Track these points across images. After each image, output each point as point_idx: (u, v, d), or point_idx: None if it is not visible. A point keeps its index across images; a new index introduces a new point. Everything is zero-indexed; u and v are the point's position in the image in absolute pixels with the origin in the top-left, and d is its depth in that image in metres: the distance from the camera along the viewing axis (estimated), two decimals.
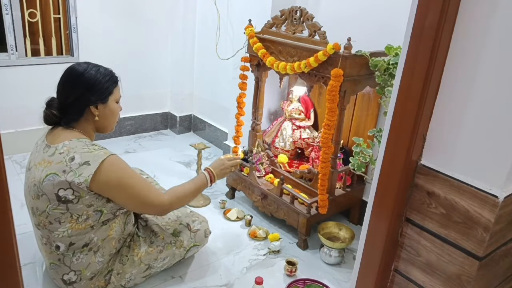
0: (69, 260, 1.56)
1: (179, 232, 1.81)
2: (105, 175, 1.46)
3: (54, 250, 1.56)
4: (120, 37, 3.17)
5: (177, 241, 1.79)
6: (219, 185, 2.76)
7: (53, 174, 1.46)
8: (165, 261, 1.78)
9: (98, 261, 1.60)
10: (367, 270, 1.24)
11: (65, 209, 1.48)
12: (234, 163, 1.89)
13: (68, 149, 1.48)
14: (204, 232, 1.89)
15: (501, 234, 1.06)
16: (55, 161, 1.48)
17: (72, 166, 1.45)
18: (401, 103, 1.06)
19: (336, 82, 1.84)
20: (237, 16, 2.81)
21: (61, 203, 1.47)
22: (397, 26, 1.44)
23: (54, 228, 1.51)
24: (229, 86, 2.92)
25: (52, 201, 1.47)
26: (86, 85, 1.53)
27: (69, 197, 1.46)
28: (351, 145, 2.18)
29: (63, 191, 1.45)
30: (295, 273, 1.96)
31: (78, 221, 1.50)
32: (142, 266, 1.71)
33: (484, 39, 0.94)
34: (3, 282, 0.77)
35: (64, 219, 1.49)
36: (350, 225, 2.38)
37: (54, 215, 1.49)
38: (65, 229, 1.50)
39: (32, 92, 2.87)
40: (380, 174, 1.14)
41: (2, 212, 0.72)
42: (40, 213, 1.51)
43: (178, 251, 1.80)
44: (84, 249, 1.56)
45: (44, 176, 1.47)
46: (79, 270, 1.58)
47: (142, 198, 1.55)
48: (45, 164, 1.50)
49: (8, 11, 2.66)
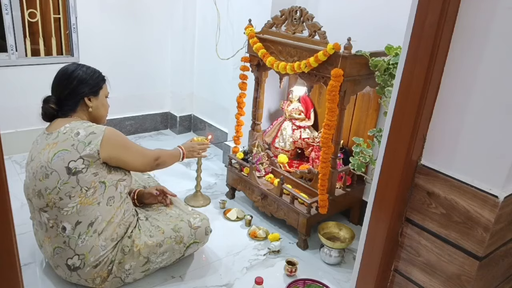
0: (74, 243, 1.63)
1: (180, 228, 1.83)
2: (111, 139, 1.65)
3: (60, 232, 1.64)
4: (120, 37, 3.17)
5: (177, 236, 1.81)
6: (219, 185, 2.77)
7: (62, 150, 1.60)
8: (164, 256, 1.79)
9: (101, 245, 1.66)
10: (367, 270, 1.24)
11: (75, 182, 1.59)
12: (202, 147, 2.15)
13: (71, 128, 1.65)
14: (204, 229, 1.91)
15: (501, 234, 1.06)
16: (61, 140, 1.63)
17: (80, 139, 1.61)
18: (401, 103, 1.06)
19: (336, 82, 1.84)
20: (237, 16, 2.81)
21: (71, 175, 1.59)
22: (397, 26, 1.45)
23: (63, 204, 1.61)
24: (229, 86, 2.92)
25: (63, 176, 1.59)
26: (80, 79, 1.72)
27: (79, 167, 1.59)
28: (351, 145, 2.18)
29: (74, 163, 1.59)
30: (295, 273, 1.96)
31: (87, 195, 1.62)
32: (141, 258, 1.73)
33: (484, 39, 0.94)
34: (3, 282, 0.77)
35: (74, 193, 1.60)
36: (350, 225, 2.38)
37: (65, 189, 1.60)
38: (75, 203, 1.61)
39: (32, 92, 2.87)
40: (380, 174, 1.14)
41: (2, 212, 0.72)
42: (50, 191, 1.61)
43: (177, 247, 1.82)
44: (89, 229, 1.64)
45: (52, 155, 1.61)
46: (83, 254, 1.64)
47: (141, 152, 1.80)
48: (50, 147, 1.63)
49: (8, 11, 2.66)
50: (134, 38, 3.23)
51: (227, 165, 2.58)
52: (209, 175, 2.91)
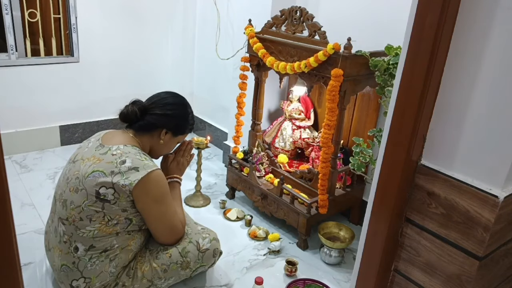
0: (83, 265, 1.54)
1: (187, 253, 1.70)
2: (149, 185, 1.53)
3: (72, 251, 1.55)
4: (120, 37, 3.17)
5: (184, 262, 1.69)
6: (219, 185, 2.77)
7: (100, 171, 1.50)
8: (170, 281, 1.71)
9: (111, 271, 1.57)
10: (367, 270, 1.24)
11: (100, 208, 1.50)
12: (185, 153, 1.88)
13: (122, 152, 1.55)
14: (213, 252, 1.77)
15: (501, 234, 1.06)
16: (106, 160, 1.53)
17: (121, 169, 1.50)
18: (401, 103, 1.06)
19: (336, 82, 1.84)
20: (237, 16, 2.81)
21: (98, 201, 1.50)
22: (397, 26, 1.44)
23: (82, 226, 1.52)
24: (229, 86, 2.92)
25: (90, 197, 1.50)
26: (178, 113, 1.72)
27: (108, 196, 1.49)
28: (351, 145, 2.18)
29: (105, 189, 1.49)
30: (295, 273, 1.96)
31: (108, 224, 1.52)
32: (145, 281, 1.64)
33: (484, 39, 0.94)
34: (3, 282, 0.77)
35: (96, 218, 1.51)
36: (350, 225, 2.38)
37: (87, 211, 1.51)
38: (93, 228, 1.52)
39: (32, 92, 2.88)
40: (380, 174, 1.14)
41: (2, 212, 0.72)
42: (74, 207, 1.52)
43: (183, 272, 1.71)
44: (102, 255, 1.55)
45: (90, 171, 1.51)
46: (89, 278, 1.56)
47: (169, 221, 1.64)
48: (94, 160, 1.54)
49: (8, 11, 2.66)
50: (134, 38, 3.23)
51: (227, 165, 2.58)
52: (209, 175, 2.91)
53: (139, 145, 1.65)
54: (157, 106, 1.69)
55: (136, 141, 1.65)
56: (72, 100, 3.07)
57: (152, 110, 1.68)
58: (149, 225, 1.62)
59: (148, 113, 1.67)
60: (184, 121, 1.74)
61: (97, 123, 3.21)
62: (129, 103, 1.69)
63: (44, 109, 2.94)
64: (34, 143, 2.97)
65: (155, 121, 1.67)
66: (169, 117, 1.68)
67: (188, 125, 1.77)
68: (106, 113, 3.23)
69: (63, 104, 3.02)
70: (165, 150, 1.78)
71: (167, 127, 1.69)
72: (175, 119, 1.70)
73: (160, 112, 1.67)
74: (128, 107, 1.67)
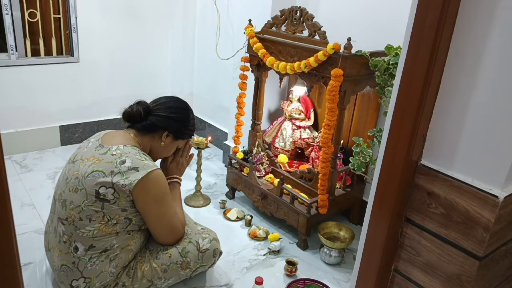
0: (83, 265, 1.54)
1: (187, 253, 1.70)
2: (149, 185, 1.53)
3: (72, 251, 1.55)
4: (120, 37, 3.17)
5: (184, 262, 1.69)
6: (219, 185, 2.77)
7: (100, 171, 1.50)
8: (170, 281, 1.71)
9: (110, 271, 1.57)
10: (367, 270, 1.24)
11: (100, 208, 1.50)
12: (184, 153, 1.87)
13: (121, 152, 1.55)
14: (212, 252, 1.77)
15: (501, 234, 1.06)
16: (105, 160, 1.53)
17: (121, 169, 1.50)
18: (401, 103, 1.06)
19: (336, 82, 1.84)
20: (237, 16, 2.81)
21: (98, 201, 1.50)
22: (397, 26, 1.45)
23: (81, 225, 1.52)
24: (229, 86, 2.92)
25: (89, 197, 1.50)
26: (180, 117, 1.73)
27: (108, 196, 1.49)
28: (351, 145, 2.18)
29: (104, 189, 1.49)
30: (295, 273, 1.96)
31: (108, 224, 1.52)
32: (145, 281, 1.64)
33: (484, 39, 0.94)
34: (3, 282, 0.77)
35: (96, 218, 1.51)
36: (350, 225, 2.38)
37: (87, 211, 1.51)
38: (93, 228, 1.52)
39: (32, 92, 2.87)
40: (380, 174, 1.14)
41: (2, 212, 0.72)
42: (74, 207, 1.52)
43: (183, 272, 1.71)
44: (101, 254, 1.55)
45: (90, 171, 1.51)
46: (89, 278, 1.56)
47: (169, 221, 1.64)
48: (93, 160, 1.54)
49: (8, 11, 2.66)
50: (134, 38, 3.23)
51: (227, 165, 2.58)
52: (209, 175, 2.91)
53: (139, 145, 1.65)
54: (161, 108, 1.71)
55: (136, 141, 1.65)
56: (72, 100, 3.07)
57: (156, 111, 1.69)
58: (149, 225, 1.62)
59: (152, 114, 1.68)
60: (185, 126, 1.75)
61: (97, 123, 3.21)
62: (134, 103, 1.70)
63: (44, 109, 2.94)
64: (34, 143, 2.97)
65: (158, 122, 1.68)
66: (172, 120, 1.70)
67: (189, 131, 1.78)
68: (106, 113, 3.22)
69: (63, 104, 3.02)
70: (165, 153, 1.78)
71: (169, 130, 1.70)
72: (178, 123, 1.72)
73: (163, 114, 1.69)
74: (132, 107, 1.68)
